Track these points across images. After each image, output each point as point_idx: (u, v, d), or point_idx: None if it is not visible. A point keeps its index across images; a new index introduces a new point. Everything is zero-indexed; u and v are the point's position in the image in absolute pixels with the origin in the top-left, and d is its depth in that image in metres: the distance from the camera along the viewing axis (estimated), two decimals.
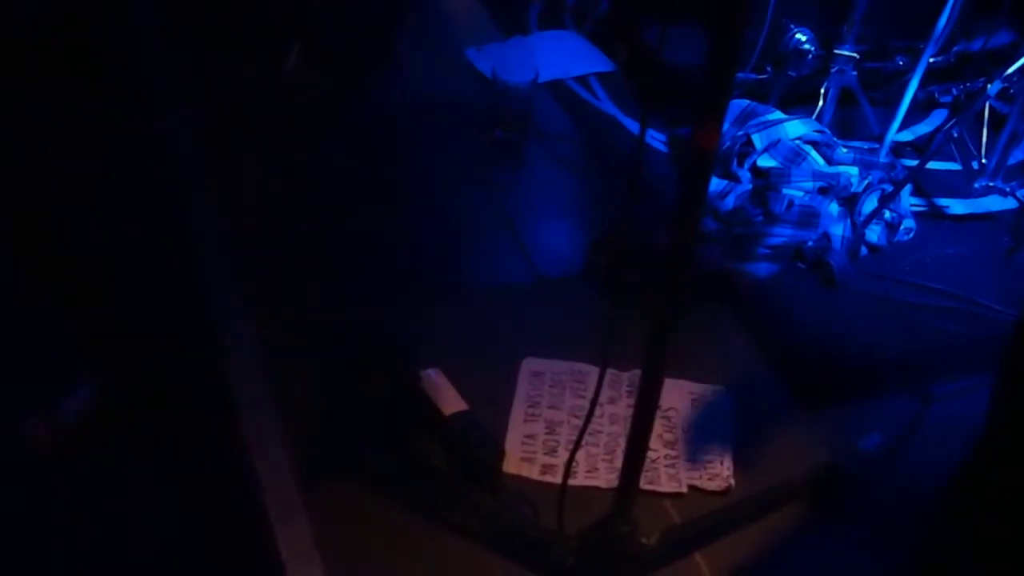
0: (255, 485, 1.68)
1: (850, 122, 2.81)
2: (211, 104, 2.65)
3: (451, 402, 1.78)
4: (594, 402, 1.43)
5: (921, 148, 2.80)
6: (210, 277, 2.13)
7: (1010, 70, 2.34)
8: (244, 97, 2.72)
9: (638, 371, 1.35)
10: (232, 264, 2.17)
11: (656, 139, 2.69)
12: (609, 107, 2.89)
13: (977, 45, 2.88)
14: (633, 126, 2.71)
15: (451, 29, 3.26)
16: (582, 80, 3.02)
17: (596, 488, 1.76)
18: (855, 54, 2.60)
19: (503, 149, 2.67)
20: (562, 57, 3.11)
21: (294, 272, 2.18)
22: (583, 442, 1.82)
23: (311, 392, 1.87)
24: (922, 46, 2.59)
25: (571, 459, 1.49)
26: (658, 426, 1.89)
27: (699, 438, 1.87)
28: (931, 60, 2.67)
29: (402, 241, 2.32)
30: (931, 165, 2.62)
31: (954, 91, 2.96)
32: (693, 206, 1.13)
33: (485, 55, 3.06)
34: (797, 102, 2.70)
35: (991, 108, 2.58)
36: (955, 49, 2.86)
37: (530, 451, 1.81)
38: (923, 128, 2.92)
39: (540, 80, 2.90)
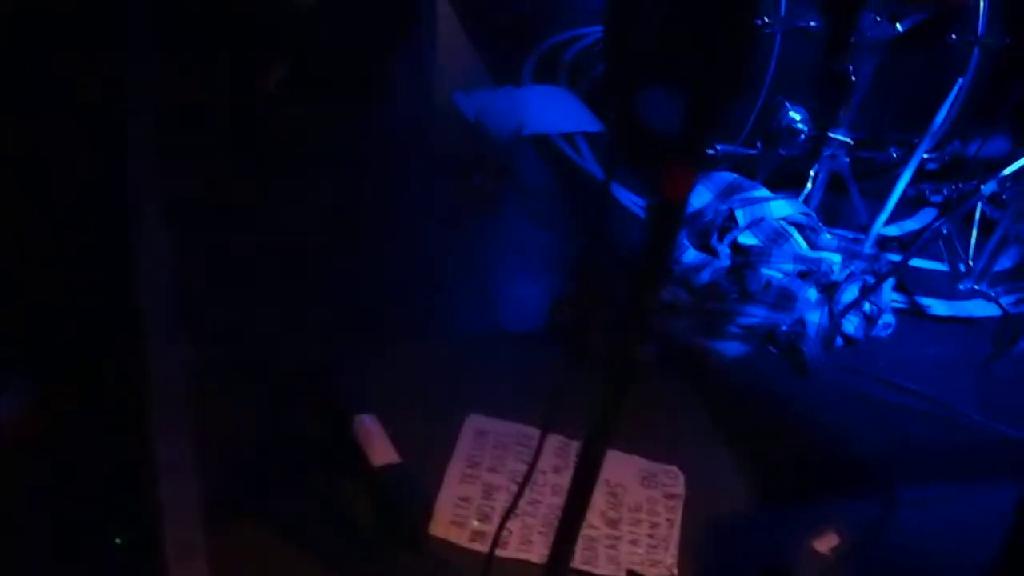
0: (156, 517, 1.53)
1: (837, 209, 2.73)
2: (177, 109, 2.55)
3: (383, 452, 1.65)
4: (532, 466, 1.30)
5: (907, 245, 2.71)
6: (147, 291, 2.01)
7: (1005, 172, 2.26)
8: (216, 108, 2.62)
9: None
10: (173, 281, 2.05)
11: (636, 204, 2.60)
12: (593, 167, 2.81)
13: (972, 149, 2.82)
14: (613, 188, 2.62)
15: (441, 71, 3.19)
16: (568, 137, 2.94)
17: (528, 562, 1.62)
18: (849, 140, 2.52)
19: (479, 196, 2.58)
20: (551, 112, 3.04)
21: (239, 297, 2.06)
22: (520, 511, 1.70)
23: (235, 422, 1.73)
24: (917, 141, 2.54)
25: (501, 526, 1.36)
26: (602, 502, 1.76)
27: (644, 518, 1.74)
28: (925, 156, 2.61)
29: (360, 277, 2.21)
30: (916, 263, 2.54)
31: (945, 191, 2.89)
32: (656, 261, 1.02)
33: (473, 101, 2.98)
34: (785, 182, 2.62)
35: (982, 212, 2.51)
36: (950, 149, 2.80)
37: (462, 514, 1.67)
38: (911, 224, 2.84)
39: (526, 132, 2.83)
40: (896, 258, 2.52)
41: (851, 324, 2.28)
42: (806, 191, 2.59)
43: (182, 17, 2.74)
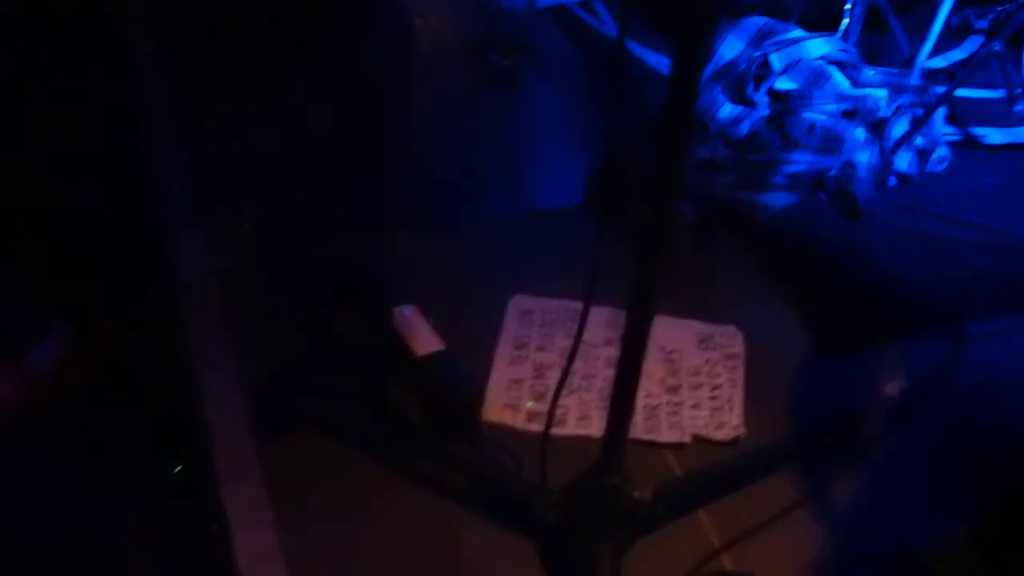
0: (203, 433, 1.50)
1: (878, 46, 2.57)
2: (184, 17, 2.45)
3: (425, 341, 1.59)
4: (577, 338, 1.23)
5: (955, 75, 2.56)
6: (170, 204, 1.95)
7: None
8: (221, 15, 2.52)
9: None
10: (194, 188, 1.98)
11: (663, 65, 2.47)
12: (613, 31, 2.67)
13: None
14: (640, 51, 2.49)
15: None
16: (585, 4, 2.80)
17: (588, 437, 1.56)
18: None
19: (498, 74, 2.47)
20: None
21: (262, 199, 1.99)
22: (576, 387, 1.65)
23: (271, 330, 1.68)
24: None
25: (554, 402, 1.30)
26: (660, 369, 1.70)
27: (706, 380, 1.67)
28: None
29: (384, 168, 2.13)
30: (967, 92, 2.39)
31: (991, 15, 2.71)
32: (683, 90, 0.92)
33: None
34: (820, 22, 2.47)
35: None
36: None
37: (515, 396, 1.62)
38: (957, 54, 2.68)
39: (540, 3, 2.70)
40: (945, 89, 2.38)
41: (903, 161, 2.16)
42: (843, 28, 2.43)
43: None
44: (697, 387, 1.67)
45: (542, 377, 1.66)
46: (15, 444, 1.89)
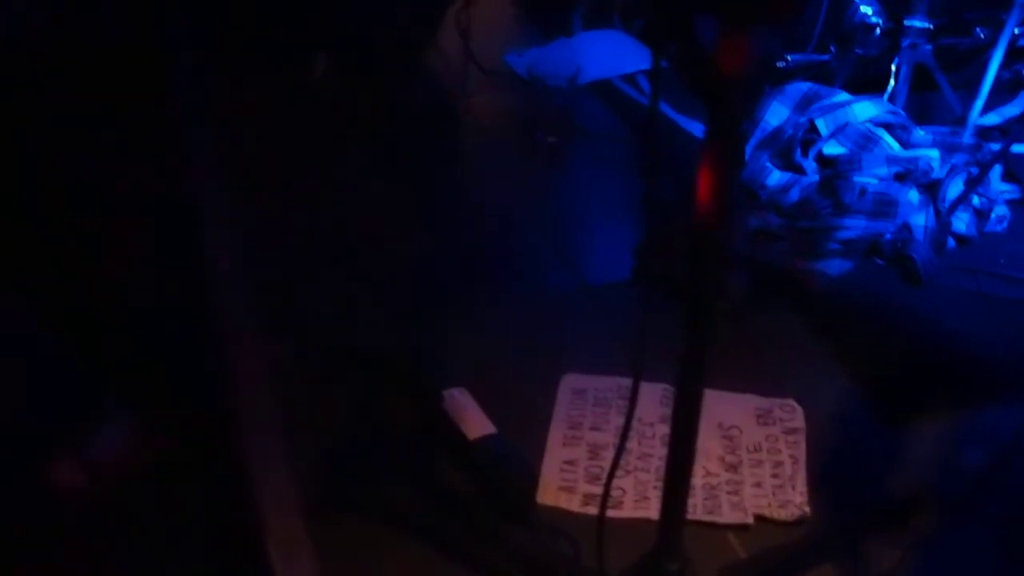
0: (256, 517, 1.47)
1: (927, 105, 2.54)
2: (234, 116, 2.50)
3: (476, 424, 1.56)
4: (629, 416, 1.19)
5: (1009, 132, 2.51)
6: (224, 294, 1.96)
7: None
8: (269, 108, 2.57)
9: None
10: (246, 278, 1.99)
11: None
12: (659, 104, 2.67)
13: None
14: (681, 119, 2.48)
15: (488, 35, 3.08)
16: (629, 79, 2.81)
17: (647, 520, 1.51)
18: (928, 26, 2.33)
19: (544, 151, 2.48)
20: (607, 55, 2.90)
21: (312, 284, 1.99)
22: (631, 467, 1.60)
23: (324, 416, 1.67)
24: (1004, 16, 2.33)
25: (608, 484, 1.26)
26: (718, 447, 1.64)
27: (766, 459, 1.62)
28: (1016, 31, 2.40)
29: (431, 248, 2.12)
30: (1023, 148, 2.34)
31: None
32: (722, 155, 0.90)
33: (526, 58, 2.88)
34: (866, 84, 2.44)
35: None
36: None
37: (570, 479, 1.58)
38: (1011, 110, 2.63)
39: (583, 80, 2.71)
40: (1000, 146, 2.33)
41: (961, 222, 2.10)
42: (890, 89, 2.41)
43: (222, 17, 2.69)
44: (758, 464, 1.61)
45: (597, 458, 1.62)
46: (79, 528, 1.88)
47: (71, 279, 2.26)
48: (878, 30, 2.37)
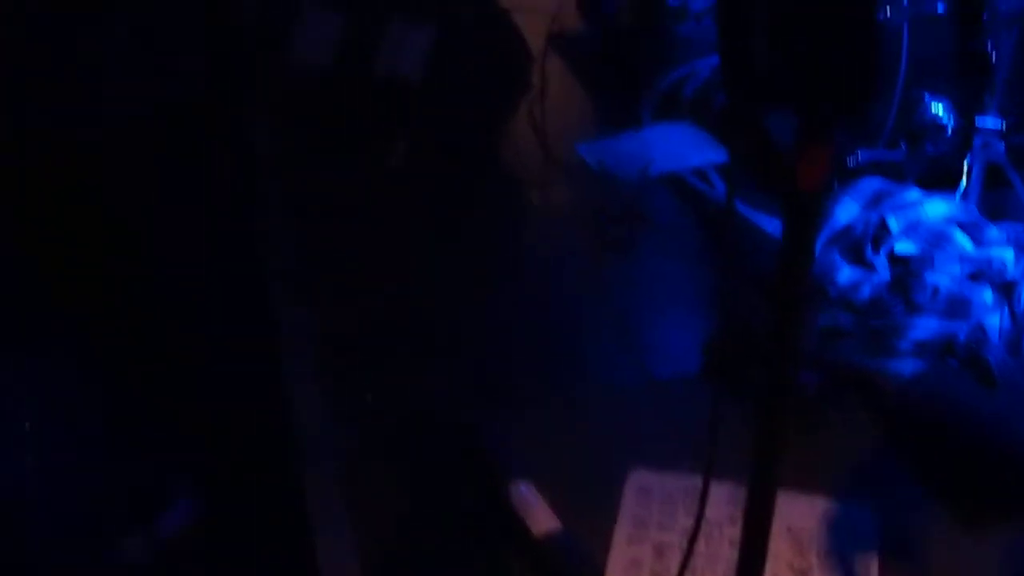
0: None
1: (1000, 203, 2.51)
2: (312, 200, 2.59)
3: (542, 520, 1.57)
4: (699, 517, 1.20)
5: None
6: (293, 372, 2.01)
7: None
8: (347, 192, 2.65)
9: None
10: (315, 358, 2.04)
11: (776, 230, 2.46)
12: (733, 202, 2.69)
13: None
14: (752, 214, 2.49)
15: (560, 125, 3.15)
16: (699, 172, 2.84)
17: None
18: (1000, 125, 2.33)
19: (613, 242, 2.51)
20: (677, 149, 2.94)
21: (381, 367, 2.04)
22: (698, 570, 1.59)
23: (388, 498, 1.69)
24: None
25: None
26: (788, 551, 1.62)
27: (837, 565, 1.59)
28: None
29: (500, 338, 2.15)
30: None
31: None
32: (797, 265, 0.92)
33: (596, 149, 2.93)
34: (937, 181, 2.43)
35: None
36: None
37: None
38: None
39: (654, 172, 2.75)
40: None
41: None
42: (962, 187, 2.39)
43: (301, 107, 2.81)
44: (828, 570, 1.59)
45: (662, 558, 1.61)
46: None
47: (151, 362, 2.33)
48: (949, 128, 2.37)
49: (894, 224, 2.19)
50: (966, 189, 2.39)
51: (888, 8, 2.25)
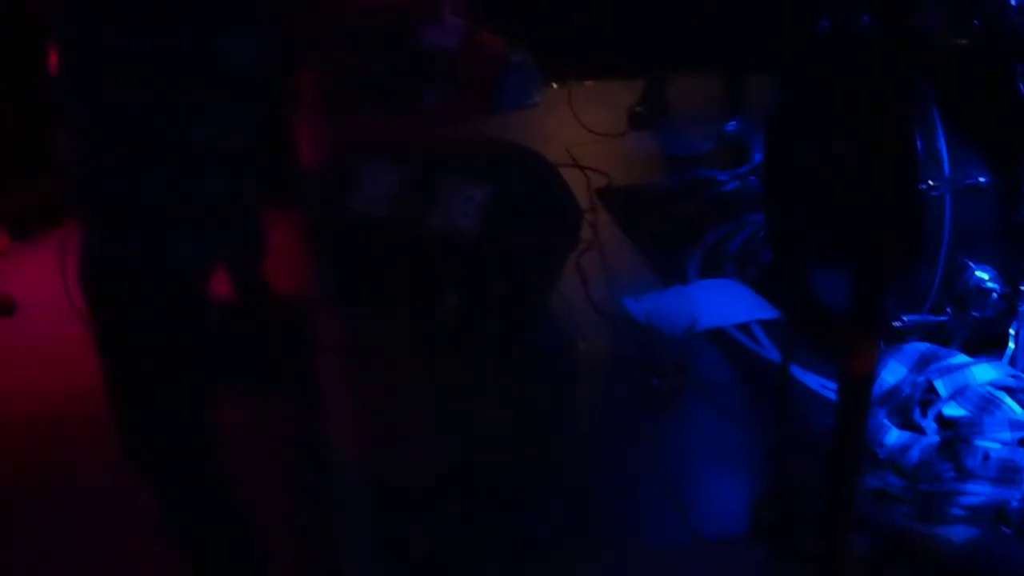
0: None
1: None
2: (366, 353, 2.66)
3: None
4: None
5: None
6: (343, 520, 2.04)
7: None
8: (400, 346, 2.72)
9: None
10: (368, 518, 2.07)
11: (825, 388, 2.48)
12: (774, 355, 2.72)
13: None
14: (801, 374, 2.52)
15: (607, 278, 3.23)
16: (744, 328, 2.88)
17: None
18: None
19: (659, 397, 2.54)
20: (723, 304, 3.00)
21: (429, 522, 2.05)
22: None
23: None
24: None
25: None
26: None
27: None
28: None
29: (547, 492, 2.17)
30: None
31: None
32: (851, 442, 0.95)
33: (643, 304, 2.99)
34: (984, 346, 2.45)
35: None
36: None
37: None
38: None
39: (699, 328, 2.79)
40: None
41: None
42: (1009, 352, 2.41)
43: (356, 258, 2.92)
44: None
45: None
46: None
47: None
48: (995, 294, 2.40)
49: (942, 387, 2.20)
50: (1014, 354, 2.41)
51: (931, 180, 2.32)
